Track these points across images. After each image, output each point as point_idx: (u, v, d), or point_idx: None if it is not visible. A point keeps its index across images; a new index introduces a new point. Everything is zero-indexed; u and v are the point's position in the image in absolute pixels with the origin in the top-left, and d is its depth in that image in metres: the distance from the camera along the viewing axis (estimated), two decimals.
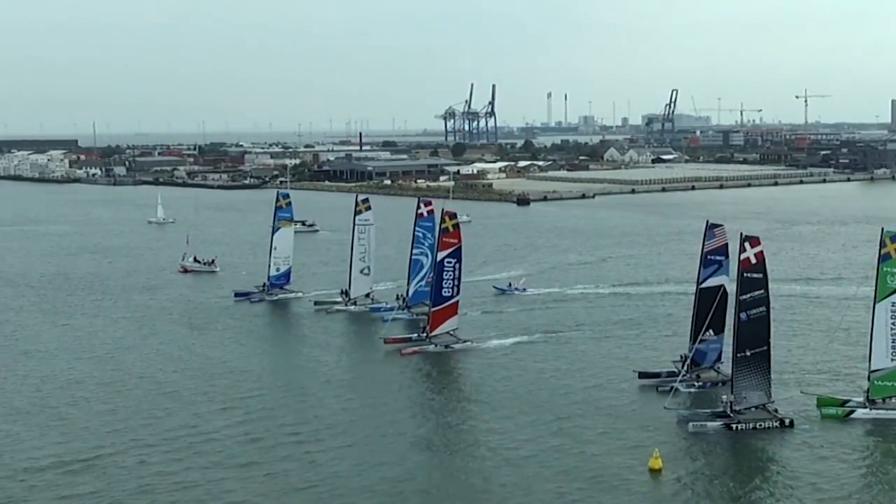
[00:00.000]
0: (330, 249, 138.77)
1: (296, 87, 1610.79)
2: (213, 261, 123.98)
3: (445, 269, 78.11)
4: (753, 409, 58.36)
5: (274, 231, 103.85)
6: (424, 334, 78.51)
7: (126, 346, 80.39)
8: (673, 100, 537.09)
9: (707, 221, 67.60)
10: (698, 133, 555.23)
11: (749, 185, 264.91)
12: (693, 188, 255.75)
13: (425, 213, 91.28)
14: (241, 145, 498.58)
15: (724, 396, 59.59)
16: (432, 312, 78.55)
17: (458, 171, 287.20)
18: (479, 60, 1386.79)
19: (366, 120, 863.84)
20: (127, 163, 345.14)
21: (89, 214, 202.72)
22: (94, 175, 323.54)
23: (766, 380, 58.54)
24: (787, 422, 57.30)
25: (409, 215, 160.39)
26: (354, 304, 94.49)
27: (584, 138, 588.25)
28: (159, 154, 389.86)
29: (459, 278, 78.88)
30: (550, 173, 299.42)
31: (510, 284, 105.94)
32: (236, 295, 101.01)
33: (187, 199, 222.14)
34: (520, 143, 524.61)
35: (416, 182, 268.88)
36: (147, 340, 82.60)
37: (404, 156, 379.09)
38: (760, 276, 58.20)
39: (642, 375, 67.40)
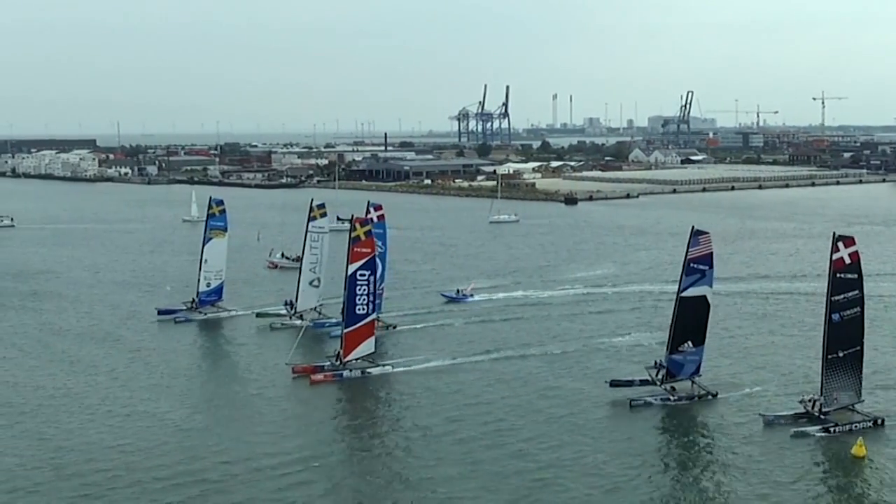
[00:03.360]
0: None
1: (299, 88, 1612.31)
2: (298, 257, 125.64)
3: (358, 283, 68.74)
4: (843, 409, 57.50)
5: (205, 242, 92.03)
6: (338, 360, 69.03)
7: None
8: (688, 101, 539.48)
9: (692, 227, 63.68)
10: (711, 134, 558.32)
11: (787, 186, 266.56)
12: (733, 188, 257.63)
13: (375, 220, 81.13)
14: (255, 146, 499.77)
15: (806, 397, 58.51)
16: (345, 334, 69.03)
17: (495, 170, 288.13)
18: (482, 62, 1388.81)
19: (372, 121, 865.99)
20: (157, 162, 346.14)
21: (145, 212, 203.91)
22: (125, 174, 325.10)
23: (858, 380, 57.82)
24: (878, 421, 56.86)
25: (461, 217, 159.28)
26: (301, 317, 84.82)
27: (599, 139, 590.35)
28: (185, 154, 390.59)
29: (375, 293, 70.62)
30: (585, 173, 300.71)
31: (458, 291, 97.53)
32: (160, 313, 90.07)
33: (228, 199, 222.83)
34: (535, 144, 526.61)
35: (453, 181, 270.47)
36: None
37: (429, 156, 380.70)
38: (855, 276, 56.91)
39: (614, 384, 63.61)
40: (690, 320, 62.75)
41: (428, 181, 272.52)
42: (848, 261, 57.00)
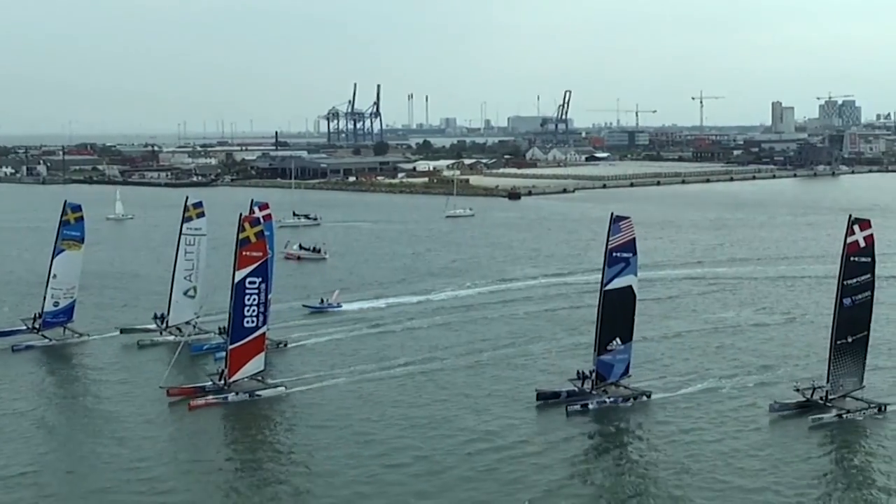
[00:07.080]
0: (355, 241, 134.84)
1: (137, 91, 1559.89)
2: (317, 248, 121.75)
3: (248, 291, 60.03)
4: (845, 396, 55.86)
5: (55, 253, 76.67)
6: (222, 381, 60.10)
7: None
8: (566, 101, 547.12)
9: (612, 214, 58.62)
10: (584, 134, 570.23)
11: (708, 181, 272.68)
12: (658, 183, 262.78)
13: (261, 220, 67.16)
14: (114, 146, 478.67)
15: (802, 385, 56.35)
16: (231, 350, 60.25)
17: (415, 167, 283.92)
18: (330, 63, 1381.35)
19: (227, 122, 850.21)
20: (42, 161, 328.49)
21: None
22: (13, 174, 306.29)
23: (862, 366, 56.34)
24: (882, 407, 55.39)
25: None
26: (179, 330, 74.48)
27: (479, 139, 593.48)
28: (65, 154, 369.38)
29: (266, 303, 61.82)
30: (502, 170, 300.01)
31: (323, 301, 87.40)
32: None
33: (143, 198, 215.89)
34: (400, 143, 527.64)
35: (377, 178, 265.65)
36: None
37: (323, 154, 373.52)
38: (868, 259, 55.95)
39: (541, 396, 58.40)
40: (617, 315, 58.45)
41: (352, 178, 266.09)
42: (863, 244, 55.64)
